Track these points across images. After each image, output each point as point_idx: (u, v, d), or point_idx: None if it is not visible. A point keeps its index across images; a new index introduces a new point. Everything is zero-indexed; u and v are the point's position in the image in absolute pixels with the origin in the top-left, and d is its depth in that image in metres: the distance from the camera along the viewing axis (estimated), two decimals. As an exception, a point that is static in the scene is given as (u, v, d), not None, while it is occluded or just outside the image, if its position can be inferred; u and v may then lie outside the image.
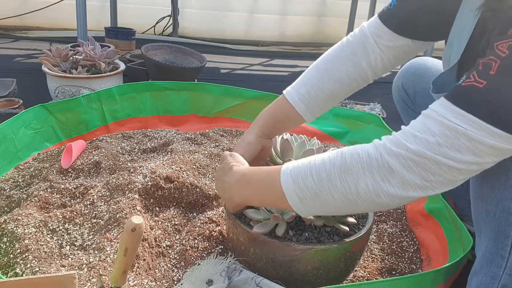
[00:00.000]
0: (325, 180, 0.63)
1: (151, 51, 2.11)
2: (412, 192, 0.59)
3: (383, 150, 0.60)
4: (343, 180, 0.62)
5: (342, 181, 0.62)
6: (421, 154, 0.57)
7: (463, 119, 0.57)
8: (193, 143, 1.50)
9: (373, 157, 0.60)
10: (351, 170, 0.61)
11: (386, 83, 2.80)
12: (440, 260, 1.05)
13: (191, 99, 1.76)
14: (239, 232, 0.86)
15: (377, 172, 0.60)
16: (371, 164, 0.60)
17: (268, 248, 0.81)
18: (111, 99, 1.60)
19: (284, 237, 0.83)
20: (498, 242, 0.67)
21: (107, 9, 2.90)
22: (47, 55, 1.79)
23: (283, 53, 3.41)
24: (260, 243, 0.82)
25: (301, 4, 3.59)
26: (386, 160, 0.59)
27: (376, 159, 0.60)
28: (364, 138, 1.61)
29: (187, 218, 1.12)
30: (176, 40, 3.19)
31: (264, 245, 0.81)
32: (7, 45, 2.81)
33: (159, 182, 1.14)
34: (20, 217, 1.02)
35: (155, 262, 0.98)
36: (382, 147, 0.60)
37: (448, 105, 0.58)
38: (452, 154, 0.57)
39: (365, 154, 0.61)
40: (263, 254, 0.83)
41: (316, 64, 0.94)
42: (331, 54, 0.94)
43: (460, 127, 0.57)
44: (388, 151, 0.59)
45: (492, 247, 0.68)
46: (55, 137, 1.46)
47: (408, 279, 0.81)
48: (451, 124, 0.57)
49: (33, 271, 0.88)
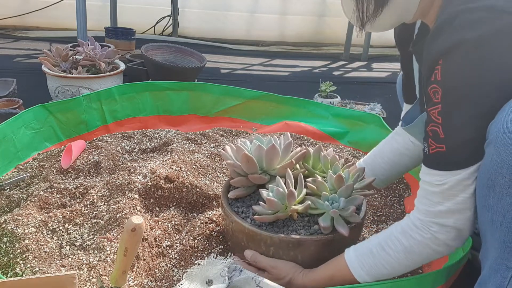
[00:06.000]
0: (396, 265, 0.80)
1: (151, 51, 2.11)
2: (450, 242, 0.77)
3: (428, 232, 0.77)
4: (410, 259, 0.79)
5: (409, 259, 0.79)
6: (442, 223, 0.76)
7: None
8: (193, 143, 1.50)
9: (424, 237, 0.78)
10: (414, 251, 0.78)
11: (386, 83, 2.81)
12: (440, 260, 1.05)
13: (191, 99, 1.76)
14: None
15: (431, 243, 0.77)
16: (424, 242, 0.78)
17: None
18: (111, 99, 1.60)
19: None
20: (504, 252, 0.67)
21: (107, 9, 2.91)
22: (47, 55, 1.79)
23: (283, 53, 3.42)
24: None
25: (301, 4, 3.59)
26: (433, 235, 0.77)
27: (425, 237, 0.77)
28: (364, 138, 1.61)
29: (187, 218, 1.12)
30: (176, 40, 3.19)
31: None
32: (7, 45, 2.81)
33: (159, 182, 1.14)
34: (20, 217, 1.02)
35: (155, 262, 0.97)
36: (427, 230, 0.77)
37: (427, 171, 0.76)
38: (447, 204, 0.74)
39: (417, 235, 0.78)
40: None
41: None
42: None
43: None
44: (432, 231, 0.77)
45: (497, 257, 0.68)
46: (55, 137, 1.46)
47: (409, 280, 0.82)
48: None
49: (33, 271, 0.88)
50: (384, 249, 0.80)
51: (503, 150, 0.64)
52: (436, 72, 0.70)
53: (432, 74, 0.71)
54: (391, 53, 3.66)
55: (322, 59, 3.31)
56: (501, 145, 0.64)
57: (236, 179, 0.96)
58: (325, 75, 2.88)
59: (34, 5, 3.09)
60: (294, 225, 0.89)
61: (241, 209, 0.94)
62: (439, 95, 0.70)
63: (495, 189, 0.66)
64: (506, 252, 0.67)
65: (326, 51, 3.56)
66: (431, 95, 0.72)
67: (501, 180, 0.64)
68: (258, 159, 0.94)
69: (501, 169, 0.64)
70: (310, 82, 2.48)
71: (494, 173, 0.66)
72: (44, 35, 3.05)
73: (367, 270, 0.81)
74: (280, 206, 0.87)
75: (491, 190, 0.67)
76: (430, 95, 0.72)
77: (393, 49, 3.79)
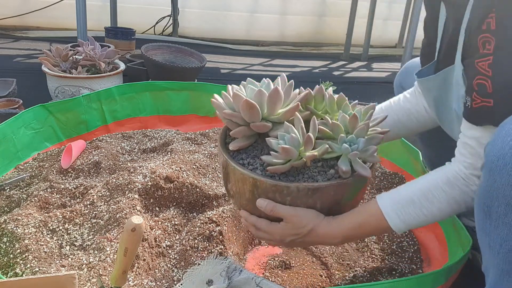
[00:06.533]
0: (437, 212, 0.79)
1: (151, 51, 2.11)
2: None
3: (473, 184, 0.77)
4: (450, 207, 0.79)
5: (450, 207, 0.78)
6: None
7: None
8: (193, 143, 1.50)
9: (469, 188, 0.77)
10: (456, 200, 0.78)
11: (386, 83, 2.81)
12: (440, 260, 1.05)
13: (191, 99, 1.76)
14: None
15: (474, 195, 0.74)
16: (468, 194, 0.77)
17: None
18: (111, 99, 1.60)
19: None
20: (503, 279, 0.66)
21: (107, 9, 2.90)
22: (47, 55, 1.79)
23: (283, 53, 3.42)
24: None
25: (301, 4, 3.59)
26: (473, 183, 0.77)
27: (471, 189, 0.77)
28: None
29: (187, 218, 1.12)
30: (176, 40, 3.19)
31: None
32: (7, 45, 2.81)
33: (159, 182, 1.14)
34: (20, 217, 1.02)
35: (155, 262, 0.97)
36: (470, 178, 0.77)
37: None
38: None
39: (462, 186, 0.77)
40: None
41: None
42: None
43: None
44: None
45: (496, 282, 0.68)
46: (55, 137, 1.46)
47: (410, 280, 0.82)
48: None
49: (33, 271, 0.88)
50: (428, 198, 0.79)
51: (498, 177, 0.62)
52: (490, 21, 0.66)
53: (484, 23, 0.66)
54: (391, 53, 3.66)
55: (322, 59, 3.31)
56: (497, 173, 0.62)
57: (237, 130, 0.85)
58: (325, 75, 2.88)
59: (34, 5, 3.09)
60: (308, 172, 0.81)
61: (247, 161, 0.85)
62: (491, 45, 0.66)
63: (491, 216, 0.65)
64: (505, 279, 0.66)
65: (326, 51, 3.55)
66: (479, 45, 0.67)
67: (497, 209, 0.63)
68: (260, 106, 0.83)
69: (497, 197, 0.63)
70: (310, 82, 2.47)
71: (490, 199, 0.64)
72: (44, 35, 3.05)
73: (404, 218, 0.79)
74: (295, 154, 0.78)
75: (487, 216, 0.65)
76: (477, 45, 0.67)
77: (393, 49, 3.80)
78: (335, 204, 0.81)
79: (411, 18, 2.85)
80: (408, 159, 1.36)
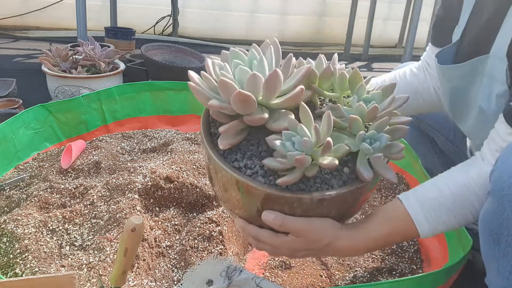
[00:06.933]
0: (469, 216, 0.72)
1: (151, 51, 2.11)
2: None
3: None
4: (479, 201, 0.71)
5: (480, 199, 0.70)
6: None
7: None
8: (193, 143, 1.50)
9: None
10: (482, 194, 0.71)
11: (386, 83, 2.80)
12: (440, 260, 1.05)
13: (191, 99, 1.76)
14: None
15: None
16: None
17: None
18: (111, 99, 1.60)
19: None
20: None
21: (107, 9, 2.90)
22: (47, 55, 1.79)
23: (283, 53, 3.41)
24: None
25: (301, 4, 3.59)
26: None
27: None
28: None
29: (187, 218, 1.12)
30: (176, 40, 3.19)
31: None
32: (7, 45, 2.81)
33: (159, 182, 1.14)
34: (20, 217, 1.02)
35: (155, 262, 0.97)
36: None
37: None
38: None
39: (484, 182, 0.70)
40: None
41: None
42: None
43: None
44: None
45: None
46: (55, 137, 1.46)
47: (410, 280, 0.82)
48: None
49: (32, 271, 0.88)
50: (462, 202, 0.71)
51: (508, 207, 0.59)
52: None
53: None
54: (391, 53, 3.66)
55: (322, 59, 3.30)
56: (506, 201, 0.59)
57: (227, 127, 0.67)
58: (325, 75, 2.87)
59: (34, 5, 3.08)
60: (320, 175, 0.67)
61: (243, 163, 0.68)
62: None
63: (500, 243, 0.63)
64: None
65: (326, 51, 3.55)
66: None
67: (507, 237, 0.61)
68: (254, 93, 0.65)
69: (506, 227, 0.61)
70: (310, 82, 2.47)
71: (499, 227, 0.62)
72: (44, 35, 3.05)
73: (431, 223, 0.71)
74: (309, 162, 0.63)
75: (496, 243, 0.63)
76: None
77: (393, 49, 3.80)
78: (350, 208, 0.71)
79: (411, 18, 2.86)
80: (409, 160, 1.36)
